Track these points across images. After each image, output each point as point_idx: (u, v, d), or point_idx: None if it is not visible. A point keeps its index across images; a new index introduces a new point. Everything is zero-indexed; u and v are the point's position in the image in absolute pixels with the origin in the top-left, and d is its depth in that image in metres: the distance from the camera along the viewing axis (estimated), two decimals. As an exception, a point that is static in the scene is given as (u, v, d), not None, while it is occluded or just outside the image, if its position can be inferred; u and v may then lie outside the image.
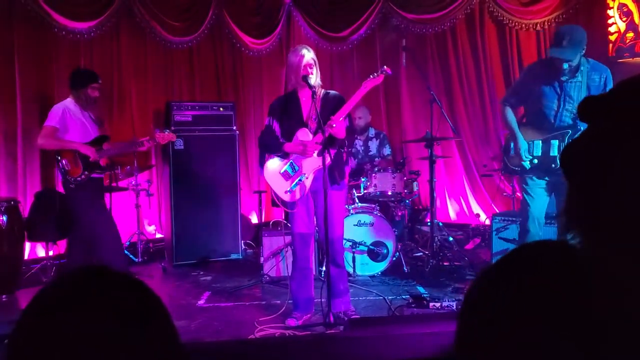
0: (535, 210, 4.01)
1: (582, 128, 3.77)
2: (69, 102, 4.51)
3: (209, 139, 5.66)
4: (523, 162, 3.94)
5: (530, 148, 3.97)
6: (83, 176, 4.43)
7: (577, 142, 0.74)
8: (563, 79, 3.82)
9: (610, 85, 3.76)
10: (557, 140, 3.87)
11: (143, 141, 4.65)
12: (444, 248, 5.39)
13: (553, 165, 3.88)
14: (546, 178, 3.96)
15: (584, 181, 0.71)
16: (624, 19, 5.80)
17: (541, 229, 4.02)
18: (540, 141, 3.95)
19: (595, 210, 0.68)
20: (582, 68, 3.79)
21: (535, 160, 3.95)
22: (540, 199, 4.01)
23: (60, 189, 5.47)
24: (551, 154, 3.88)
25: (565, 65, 3.73)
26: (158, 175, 6.31)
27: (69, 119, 4.45)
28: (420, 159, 5.87)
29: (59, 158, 4.44)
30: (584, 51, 3.75)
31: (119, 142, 5.18)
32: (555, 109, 3.87)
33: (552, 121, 3.90)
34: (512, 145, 4.06)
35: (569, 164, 0.74)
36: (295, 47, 3.79)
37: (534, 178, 4.01)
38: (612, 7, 5.90)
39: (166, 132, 4.72)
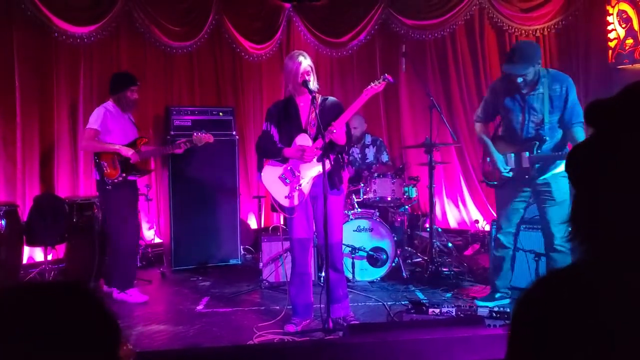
0: (504, 221, 4.12)
1: (547, 138, 3.87)
2: (109, 105, 4.60)
3: (208, 143, 5.64)
4: (503, 173, 3.98)
5: (506, 160, 4.04)
6: (120, 178, 4.48)
7: (583, 146, 0.73)
8: (524, 92, 3.89)
9: (572, 94, 3.84)
10: (528, 152, 3.93)
11: (180, 143, 4.67)
12: (443, 254, 5.39)
13: (526, 177, 3.95)
14: (525, 189, 4.01)
15: (589, 186, 0.70)
16: (624, 25, 5.81)
17: (510, 238, 4.11)
18: (513, 154, 4.02)
19: (601, 216, 0.67)
20: (542, 80, 3.85)
21: (511, 173, 4.01)
22: (511, 211, 4.08)
23: (60, 191, 5.49)
24: (524, 166, 3.95)
25: (520, 80, 3.82)
26: (157, 180, 6.30)
27: (110, 120, 4.52)
28: (419, 165, 5.87)
29: (98, 160, 4.49)
30: (538, 65, 3.83)
31: (154, 144, 5.27)
32: (521, 121, 3.95)
33: (520, 134, 3.98)
34: (488, 159, 4.14)
35: (574, 169, 0.73)
36: (292, 54, 3.78)
37: (508, 190, 4.07)
38: (612, 14, 5.92)
39: (203, 134, 4.67)
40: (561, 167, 3.81)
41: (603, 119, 0.71)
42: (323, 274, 4.16)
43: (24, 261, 5.07)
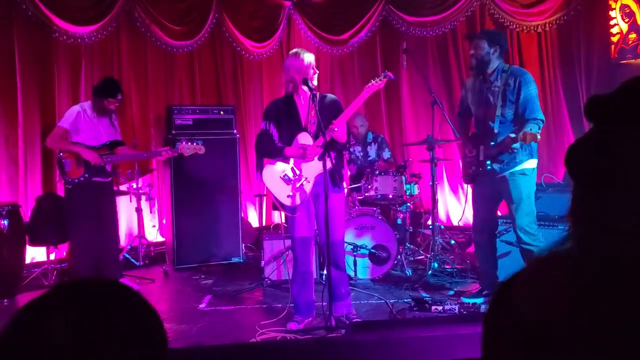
0: (477, 219, 4.14)
1: (497, 131, 3.83)
2: (87, 104, 4.62)
3: (209, 142, 5.61)
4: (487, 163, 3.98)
5: (479, 156, 4.06)
6: (82, 179, 4.46)
7: (582, 141, 0.73)
8: (479, 76, 3.99)
9: (525, 88, 3.80)
10: (483, 145, 3.96)
11: (161, 151, 4.61)
12: (446, 251, 5.37)
13: (481, 169, 3.97)
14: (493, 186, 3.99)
15: (588, 182, 0.70)
16: (627, 20, 5.78)
17: (489, 239, 4.12)
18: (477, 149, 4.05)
19: (601, 211, 0.67)
20: (502, 74, 3.89)
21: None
22: (480, 208, 4.11)
23: (60, 190, 5.49)
24: (480, 159, 3.98)
25: (471, 51, 3.96)
26: (159, 178, 6.30)
27: (82, 121, 4.53)
28: (421, 162, 5.85)
29: (61, 157, 4.51)
30: (494, 49, 3.86)
31: (134, 149, 5.24)
32: (480, 116, 4.01)
33: (480, 128, 4.02)
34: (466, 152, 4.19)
35: (573, 164, 0.73)
36: (295, 51, 3.76)
37: (477, 188, 4.12)
38: (615, 8, 5.89)
39: (194, 144, 4.59)
40: (522, 165, 3.81)
41: (602, 114, 0.70)
42: (325, 272, 4.15)
43: (27, 261, 5.07)
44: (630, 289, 0.56)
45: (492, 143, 3.87)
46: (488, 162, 3.88)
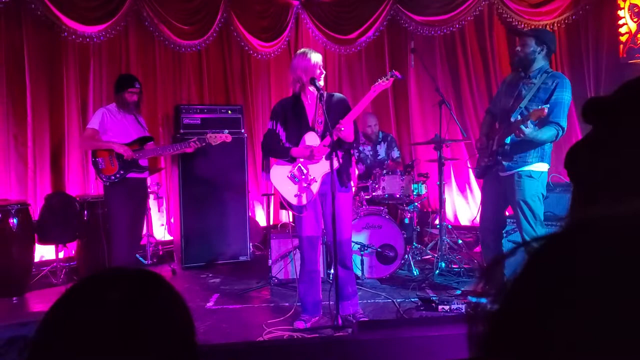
0: (483, 217, 4.06)
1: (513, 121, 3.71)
2: (111, 106, 4.70)
3: (224, 142, 5.64)
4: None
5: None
6: (118, 175, 4.50)
7: (581, 143, 0.72)
8: (520, 72, 3.91)
9: (560, 91, 3.70)
10: (497, 135, 3.88)
11: (190, 142, 4.65)
12: (453, 250, 5.36)
13: (493, 160, 3.88)
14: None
15: (588, 183, 0.70)
16: (635, 19, 5.75)
17: (495, 238, 4.01)
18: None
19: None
20: (542, 75, 3.79)
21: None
22: (487, 206, 4.03)
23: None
24: (493, 149, 3.89)
25: (518, 48, 3.87)
26: (167, 177, 6.33)
27: (108, 120, 4.59)
28: (429, 161, 5.85)
29: (94, 157, 4.54)
30: (541, 49, 3.78)
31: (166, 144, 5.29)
32: (507, 106, 3.91)
33: (504, 119, 3.93)
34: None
35: (573, 166, 0.73)
36: (303, 51, 3.76)
37: (486, 186, 4.05)
38: (623, 8, 5.86)
39: (220, 133, 4.63)
40: (530, 167, 3.72)
41: (600, 116, 0.70)
42: (332, 271, 4.15)
43: (36, 259, 5.11)
44: (628, 289, 0.56)
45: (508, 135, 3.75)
46: (499, 151, 3.78)
